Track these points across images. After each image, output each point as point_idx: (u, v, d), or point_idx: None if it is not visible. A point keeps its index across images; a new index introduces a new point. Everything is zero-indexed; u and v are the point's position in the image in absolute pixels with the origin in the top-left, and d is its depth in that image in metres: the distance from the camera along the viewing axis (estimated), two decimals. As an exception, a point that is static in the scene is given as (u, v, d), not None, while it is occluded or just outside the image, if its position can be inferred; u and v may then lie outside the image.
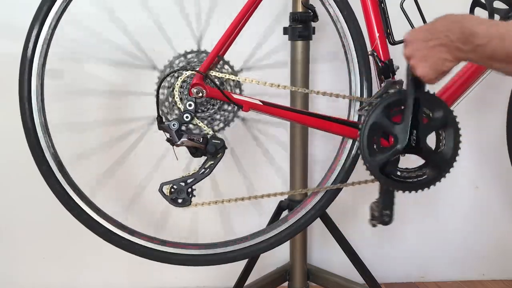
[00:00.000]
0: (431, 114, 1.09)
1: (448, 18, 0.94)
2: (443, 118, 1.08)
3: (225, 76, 1.12)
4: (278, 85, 1.13)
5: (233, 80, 1.14)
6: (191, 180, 1.12)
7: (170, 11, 1.46)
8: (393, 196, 1.13)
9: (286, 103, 1.36)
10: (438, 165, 1.10)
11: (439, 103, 1.09)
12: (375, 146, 1.09)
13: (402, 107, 1.09)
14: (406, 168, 1.12)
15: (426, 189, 1.11)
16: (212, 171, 1.11)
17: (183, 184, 1.11)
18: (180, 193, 1.11)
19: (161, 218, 1.59)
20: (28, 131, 1.13)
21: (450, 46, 0.91)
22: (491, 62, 0.87)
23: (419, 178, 1.11)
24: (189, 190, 1.12)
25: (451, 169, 1.10)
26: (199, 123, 1.12)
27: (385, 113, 1.09)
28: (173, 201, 1.12)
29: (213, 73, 1.12)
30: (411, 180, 1.11)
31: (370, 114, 1.08)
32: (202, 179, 1.12)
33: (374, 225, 1.16)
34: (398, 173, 1.11)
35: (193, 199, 1.12)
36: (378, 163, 1.08)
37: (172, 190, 1.12)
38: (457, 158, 1.10)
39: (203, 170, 1.12)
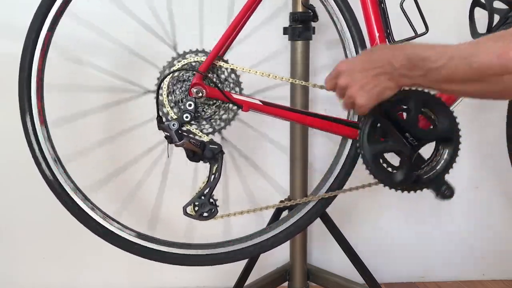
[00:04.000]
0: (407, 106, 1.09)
1: (388, 47, 0.96)
2: (421, 99, 1.09)
3: (227, 66, 1.12)
4: (282, 78, 1.15)
5: (234, 81, 1.14)
6: (207, 190, 1.12)
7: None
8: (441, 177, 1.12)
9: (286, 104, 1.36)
10: (447, 135, 1.10)
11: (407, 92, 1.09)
12: (385, 165, 1.10)
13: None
14: (427, 159, 1.12)
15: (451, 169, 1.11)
16: (221, 173, 1.12)
17: (202, 198, 1.12)
18: (204, 207, 1.12)
19: (161, 218, 1.59)
20: (28, 131, 1.13)
21: (393, 74, 0.92)
22: (445, 84, 0.86)
23: (440, 162, 1.11)
24: (211, 200, 1.12)
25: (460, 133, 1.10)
26: (193, 129, 1.12)
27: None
28: (201, 217, 1.12)
29: (219, 63, 1.12)
30: (435, 170, 1.11)
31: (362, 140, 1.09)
32: (216, 185, 1.12)
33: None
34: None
35: (217, 203, 1.13)
36: (400, 181, 1.09)
37: (196, 208, 1.12)
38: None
39: (213, 176, 1.12)
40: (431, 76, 0.87)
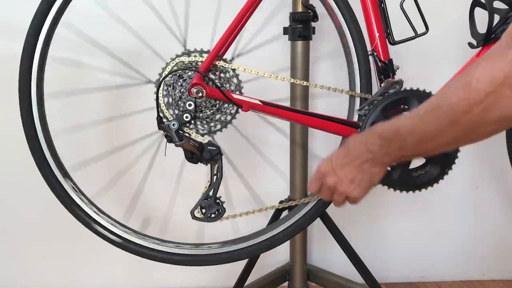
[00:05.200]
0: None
1: (359, 135, 0.95)
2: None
3: (227, 65, 1.13)
4: (283, 78, 1.15)
5: (234, 80, 1.14)
6: (211, 192, 1.12)
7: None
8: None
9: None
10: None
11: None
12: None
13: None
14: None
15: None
16: (222, 173, 1.12)
17: (208, 199, 1.12)
18: (211, 208, 1.12)
19: (161, 218, 1.59)
20: (28, 131, 1.13)
21: (374, 158, 0.91)
22: (424, 144, 0.84)
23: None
24: (216, 201, 1.13)
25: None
26: (190, 132, 1.12)
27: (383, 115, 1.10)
28: (209, 218, 1.13)
29: (220, 63, 1.12)
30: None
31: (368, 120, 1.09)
32: (219, 185, 1.12)
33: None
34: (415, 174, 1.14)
35: (224, 205, 1.13)
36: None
37: (203, 210, 1.12)
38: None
39: (215, 176, 1.12)
40: (408, 143, 0.85)
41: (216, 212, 1.13)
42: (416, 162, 1.13)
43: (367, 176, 0.94)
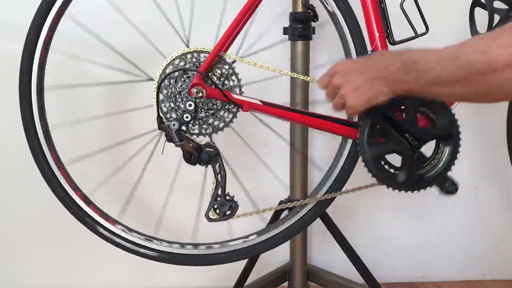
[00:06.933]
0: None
1: (387, 53, 0.96)
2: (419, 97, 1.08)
3: (231, 57, 1.13)
4: (281, 71, 1.16)
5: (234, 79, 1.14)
6: (219, 190, 1.13)
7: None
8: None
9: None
10: (446, 132, 1.10)
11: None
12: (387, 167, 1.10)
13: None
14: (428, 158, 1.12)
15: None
16: (225, 170, 1.12)
17: (218, 199, 1.12)
18: (223, 206, 1.12)
19: (160, 217, 1.59)
20: (28, 131, 1.13)
21: (388, 79, 0.91)
22: (435, 87, 0.85)
23: (442, 160, 1.11)
24: (227, 198, 1.13)
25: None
26: (189, 135, 1.13)
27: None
28: (225, 217, 1.13)
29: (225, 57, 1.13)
30: (438, 167, 1.11)
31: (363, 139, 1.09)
32: (225, 182, 1.12)
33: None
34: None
35: (235, 199, 1.14)
36: (403, 181, 1.09)
37: (217, 210, 1.13)
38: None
39: (219, 175, 1.13)
40: (421, 79, 0.86)
41: (229, 209, 1.13)
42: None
43: (372, 91, 0.94)
